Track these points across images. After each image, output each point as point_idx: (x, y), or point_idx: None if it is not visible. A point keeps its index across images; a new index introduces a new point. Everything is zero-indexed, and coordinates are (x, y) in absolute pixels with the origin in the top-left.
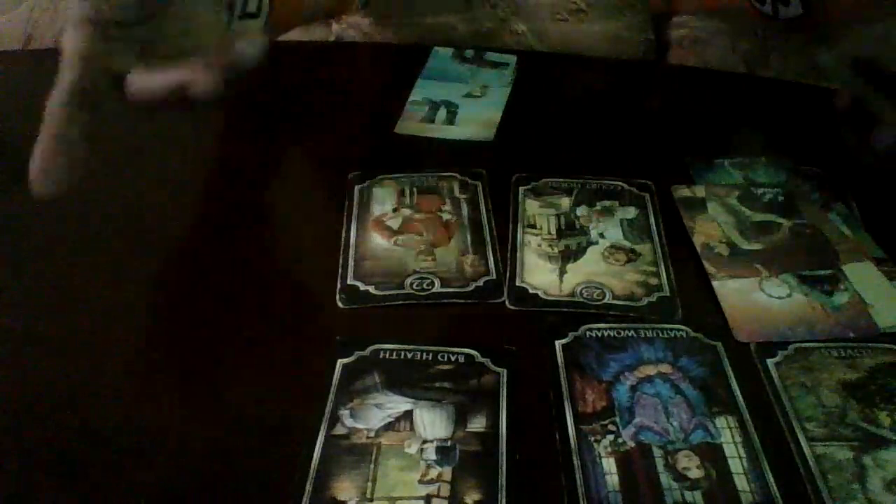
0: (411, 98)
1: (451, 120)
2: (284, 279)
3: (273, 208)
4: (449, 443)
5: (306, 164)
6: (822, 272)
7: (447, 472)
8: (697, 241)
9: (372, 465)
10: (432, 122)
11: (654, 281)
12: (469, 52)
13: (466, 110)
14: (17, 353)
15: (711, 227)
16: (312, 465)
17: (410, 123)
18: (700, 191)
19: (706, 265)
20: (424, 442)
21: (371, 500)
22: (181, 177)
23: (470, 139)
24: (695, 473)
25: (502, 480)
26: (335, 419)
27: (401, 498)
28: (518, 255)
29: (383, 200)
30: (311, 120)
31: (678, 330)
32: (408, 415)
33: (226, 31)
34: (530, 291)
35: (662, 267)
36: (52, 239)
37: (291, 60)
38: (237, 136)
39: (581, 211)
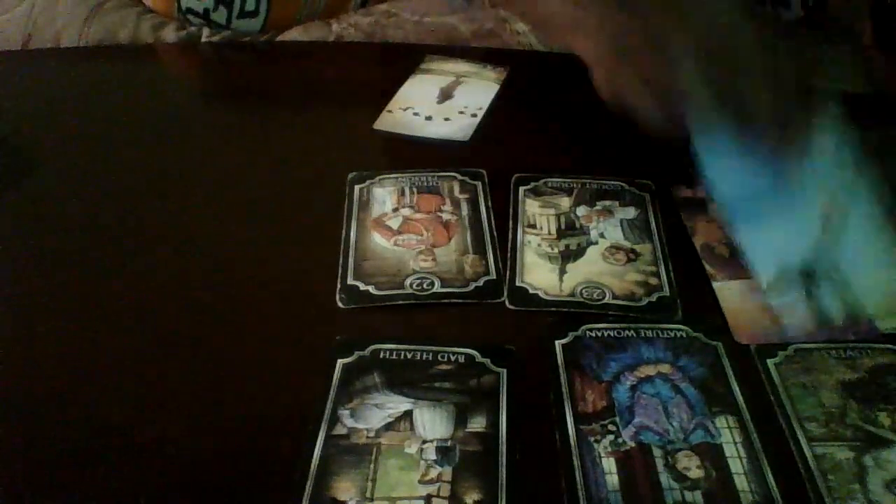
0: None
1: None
2: (284, 279)
3: (273, 208)
4: (449, 443)
5: (306, 164)
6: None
7: (447, 472)
8: (698, 241)
9: (372, 465)
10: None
11: (654, 281)
12: None
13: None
14: (17, 353)
15: (712, 228)
16: (312, 465)
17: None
18: (701, 191)
19: (706, 266)
20: (424, 442)
21: (371, 500)
22: (181, 177)
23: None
24: (695, 473)
25: (502, 480)
26: (335, 419)
27: (401, 498)
28: (518, 255)
29: (383, 200)
30: (311, 119)
31: (678, 330)
32: (408, 415)
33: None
34: (530, 291)
35: (662, 267)
36: (52, 237)
37: (291, 60)
38: (237, 135)
39: (581, 211)
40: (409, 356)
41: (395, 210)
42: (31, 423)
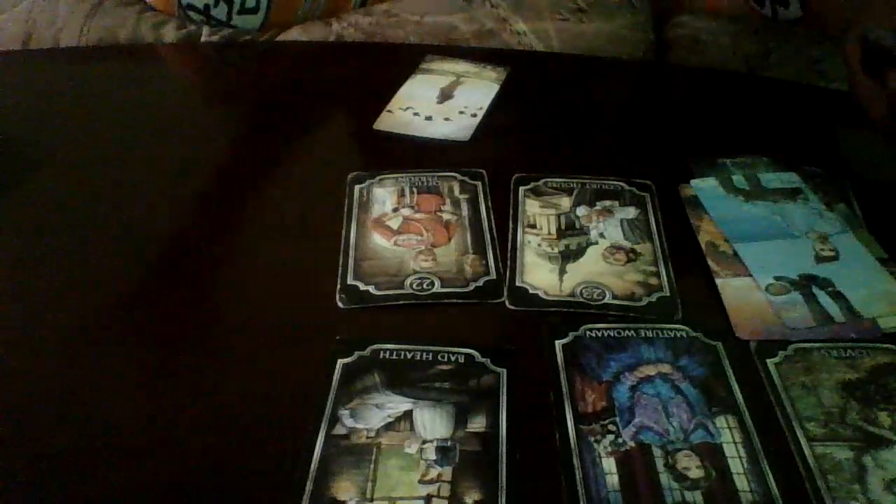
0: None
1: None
2: (284, 279)
3: (273, 208)
4: (449, 443)
5: (306, 164)
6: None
7: (447, 472)
8: (703, 239)
9: (372, 465)
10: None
11: (654, 281)
12: None
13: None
14: (17, 352)
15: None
16: (312, 465)
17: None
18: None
19: (710, 263)
20: (424, 442)
21: (371, 500)
22: (181, 176)
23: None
24: (695, 473)
25: (502, 480)
26: (335, 419)
27: (401, 498)
28: (518, 255)
29: (383, 200)
30: (312, 119)
31: (678, 330)
32: (408, 415)
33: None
34: (530, 291)
35: (662, 267)
36: (53, 238)
37: (291, 60)
38: (237, 135)
39: (581, 211)
40: (409, 356)
41: (395, 210)
42: (31, 423)
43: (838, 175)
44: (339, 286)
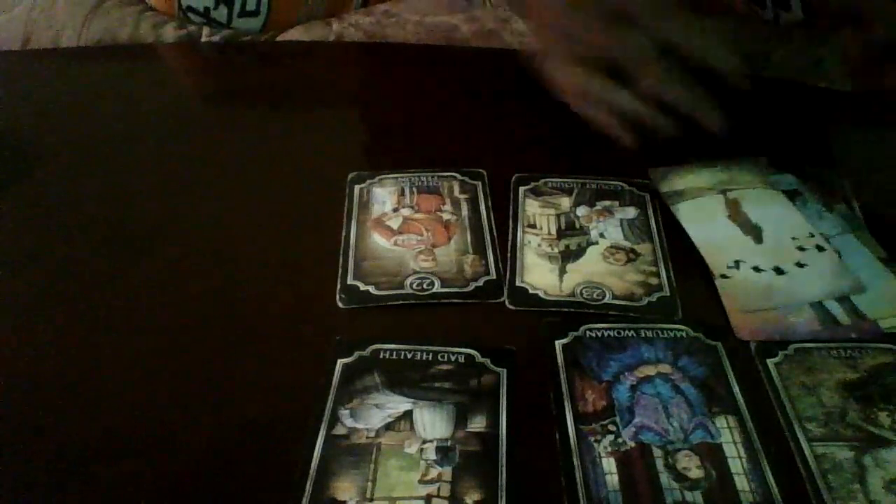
0: None
1: None
2: (284, 279)
3: (273, 208)
4: (449, 443)
5: (306, 164)
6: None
7: (447, 472)
8: None
9: (372, 465)
10: None
11: (654, 281)
12: None
13: None
14: (18, 353)
15: None
16: (312, 465)
17: None
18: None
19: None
20: (424, 442)
21: (371, 500)
22: (181, 177)
23: None
24: (695, 473)
25: (502, 480)
26: (335, 419)
27: (401, 498)
28: (518, 255)
29: (383, 200)
30: (311, 119)
31: (678, 330)
32: (408, 415)
33: None
34: (530, 291)
35: (662, 267)
36: (53, 237)
37: (291, 60)
38: (237, 135)
39: (581, 211)
40: (409, 356)
41: (395, 210)
42: (31, 423)
43: (838, 175)
44: (339, 286)
